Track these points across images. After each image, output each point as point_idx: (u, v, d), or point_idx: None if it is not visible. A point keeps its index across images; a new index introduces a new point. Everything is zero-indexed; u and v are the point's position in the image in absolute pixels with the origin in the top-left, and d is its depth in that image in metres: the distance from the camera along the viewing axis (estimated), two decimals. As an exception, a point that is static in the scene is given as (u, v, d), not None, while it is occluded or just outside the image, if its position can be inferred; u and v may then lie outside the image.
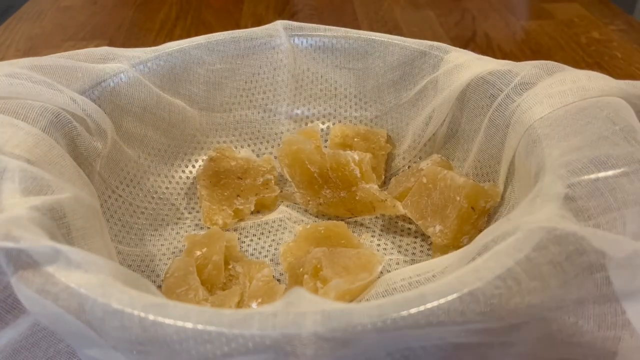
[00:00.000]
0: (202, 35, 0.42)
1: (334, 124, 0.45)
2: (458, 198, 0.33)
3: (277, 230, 0.37)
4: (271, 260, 0.35)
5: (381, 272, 0.31)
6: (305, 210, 0.39)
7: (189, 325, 0.18)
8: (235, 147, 0.43)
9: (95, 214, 0.29)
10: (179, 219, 0.39)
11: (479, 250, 0.25)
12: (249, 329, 0.18)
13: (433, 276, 0.29)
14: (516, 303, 0.19)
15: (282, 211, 0.39)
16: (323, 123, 0.45)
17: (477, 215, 0.33)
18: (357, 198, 0.37)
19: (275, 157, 0.42)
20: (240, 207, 0.38)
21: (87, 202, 0.28)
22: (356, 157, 0.37)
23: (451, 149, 0.39)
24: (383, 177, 0.41)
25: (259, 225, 0.38)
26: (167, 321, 0.18)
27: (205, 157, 0.42)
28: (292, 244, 0.34)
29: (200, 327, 0.18)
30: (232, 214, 0.38)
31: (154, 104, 0.39)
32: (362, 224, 0.38)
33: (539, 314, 0.20)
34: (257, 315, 0.18)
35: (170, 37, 0.66)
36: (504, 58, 0.38)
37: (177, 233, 0.38)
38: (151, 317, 0.18)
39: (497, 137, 0.34)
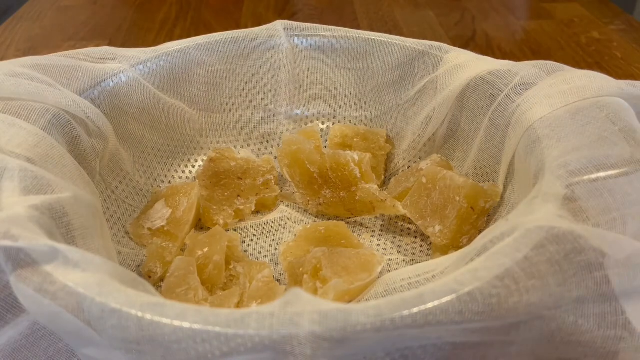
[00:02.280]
0: (202, 35, 0.42)
1: (333, 124, 0.45)
2: (458, 198, 0.33)
3: (277, 230, 0.37)
4: (271, 260, 0.35)
5: (381, 272, 0.31)
6: (305, 210, 0.39)
7: (186, 324, 0.18)
8: (235, 148, 0.43)
9: (96, 214, 0.29)
10: (179, 219, 0.39)
11: (478, 250, 0.25)
12: (246, 329, 0.18)
13: (433, 277, 0.29)
14: (515, 302, 0.19)
15: (282, 211, 0.39)
16: (323, 123, 0.45)
17: (477, 216, 0.33)
18: (357, 198, 0.37)
19: (275, 158, 0.42)
20: (241, 207, 0.38)
21: (88, 201, 0.28)
22: (356, 157, 0.37)
23: (451, 149, 0.39)
24: (383, 177, 0.41)
25: (258, 225, 0.38)
26: (164, 321, 0.18)
27: (204, 158, 0.42)
28: (292, 244, 0.34)
29: (196, 326, 0.18)
30: (233, 214, 0.38)
31: (153, 105, 0.39)
32: (362, 224, 0.38)
33: (538, 313, 0.20)
34: (254, 315, 0.18)
35: (170, 37, 0.66)
36: (504, 58, 0.38)
37: (177, 233, 0.38)
38: (148, 316, 0.18)
39: (497, 137, 0.34)
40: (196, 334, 0.18)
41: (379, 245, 0.36)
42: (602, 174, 0.24)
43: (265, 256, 0.36)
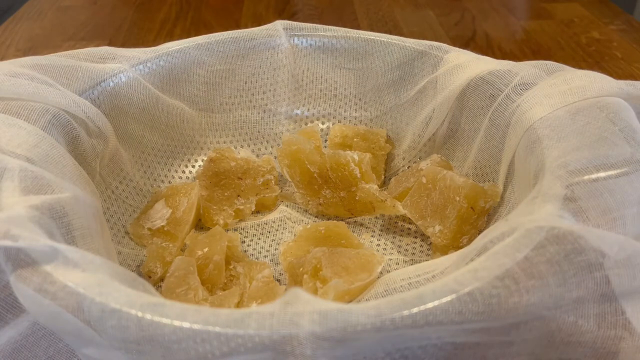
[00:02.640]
0: (202, 35, 0.42)
1: (333, 124, 0.45)
2: (458, 198, 0.33)
3: (277, 230, 0.37)
4: (271, 260, 0.35)
5: (381, 272, 0.31)
6: (305, 210, 0.39)
7: (186, 324, 0.18)
8: (235, 148, 0.43)
9: (96, 214, 0.29)
10: (179, 218, 0.39)
11: (478, 250, 0.25)
12: (246, 329, 0.18)
13: (433, 277, 0.29)
14: (514, 302, 0.19)
15: (282, 211, 0.39)
16: (323, 123, 0.45)
17: (477, 216, 0.33)
18: (356, 198, 0.37)
19: (275, 158, 0.42)
20: (241, 207, 0.38)
21: (88, 201, 0.28)
22: (356, 157, 0.37)
23: (451, 149, 0.39)
24: (383, 177, 0.41)
25: (258, 225, 0.38)
26: (164, 321, 0.18)
27: (204, 158, 0.42)
28: (292, 244, 0.34)
29: (196, 326, 0.18)
30: (233, 214, 0.38)
31: (152, 105, 0.39)
32: (362, 224, 0.38)
33: (538, 313, 0.20)
34: (254, 315, 0.18)
35: (170, 37, 0.66)
36: (504, 58, 0.38)
37: (177, 233, 0.38)
38: (148, 316, 0.18)
39: (497, 137, 0.34)
40: (196, 334, 0.18)
41: (379, 245, 0.36)
42: (602, 174, 0.24)
43: (265, 256, 0.36)
